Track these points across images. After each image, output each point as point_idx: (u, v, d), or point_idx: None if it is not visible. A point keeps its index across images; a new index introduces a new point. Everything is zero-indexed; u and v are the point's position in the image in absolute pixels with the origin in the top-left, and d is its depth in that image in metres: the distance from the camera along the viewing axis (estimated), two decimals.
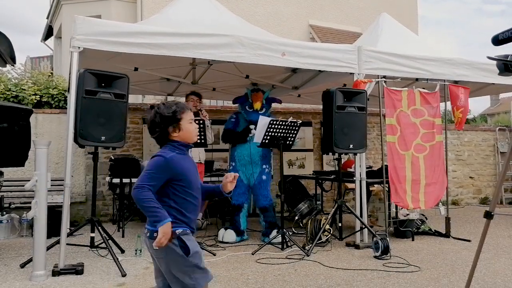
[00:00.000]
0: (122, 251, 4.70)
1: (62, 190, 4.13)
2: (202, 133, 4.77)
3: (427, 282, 3.73)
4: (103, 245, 4.32)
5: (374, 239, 4.67)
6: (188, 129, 2.25)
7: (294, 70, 6.25)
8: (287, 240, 4.97)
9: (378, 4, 12.91)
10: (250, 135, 5.42)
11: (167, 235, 2.06)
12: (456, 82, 6.07)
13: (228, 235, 5.31)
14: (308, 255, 4.59)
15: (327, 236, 5.09)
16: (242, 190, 5.47)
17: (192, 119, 2.29)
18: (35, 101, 7.09)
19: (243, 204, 5.47)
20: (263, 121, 5.01)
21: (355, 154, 5.31)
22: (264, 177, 5.48)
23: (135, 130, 7.37)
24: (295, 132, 5.13)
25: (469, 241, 5.39)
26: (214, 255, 4.64)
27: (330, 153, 5.18)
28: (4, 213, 5.70)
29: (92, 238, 4.46)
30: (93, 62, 4.85)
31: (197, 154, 5.24)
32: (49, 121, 6.97)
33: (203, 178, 5.46)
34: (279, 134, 5.03)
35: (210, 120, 5.31)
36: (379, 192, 6.60)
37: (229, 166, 5.66)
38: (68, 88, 5.22)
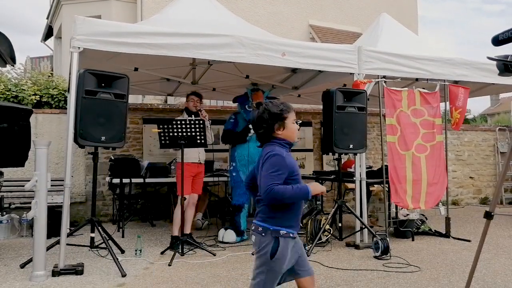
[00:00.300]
0: (122, 251, 4.70)
1: (62, 190, 4.13)
2: (202, 134, 4.77)
3: (427, 282, 3.73)
4: (103, 245, 4.32)
5: (374, 239, 4.67)
6: (292, 128, 2.39)
7: (294, 70, 6.25)
8: None
9: (378, 4, 12.92)
10: (250, 134, 5.42)
11: (322, 188, 2.27)
12: (456, 82, 6.08)
13: (228, 235, 5.31)
14: (308, 255, 4.58)
15: (327, 236, 5.09)
16: (242, 190, 5.46)
17: (295, 120, 2.42)
18: (35, 101, 7.09)
19: (244, 204, 5.47)
20: None
21: (355, 154, 5.31)
22: None
23: (135, 130, 7.38)
24: None
25: (469, 241, 5.39)
26: (214, 255, 4.64)
27: (330, 153, 5.18)
28: (4, 213, 5.70)
29: (92, 238, 4.46)
30: (93, 62, 4.85)
31: (197, 155, 5.22)
32: (49, 121, 6.97)
33: (203, 179, 5.45)
34: None
35: (210, 121, 5.31)
36: (379, 192, 6.61)
37: (230, 166, 5.67)
38: (68, 88, 5.22)
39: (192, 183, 5.18)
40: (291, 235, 2.27)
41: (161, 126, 4.68)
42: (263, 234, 2.25)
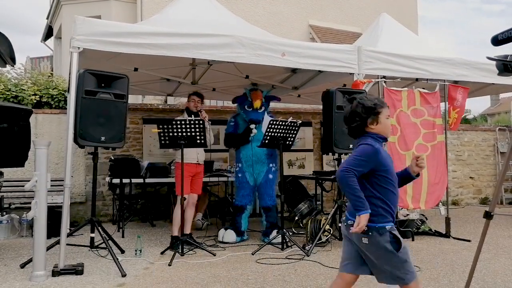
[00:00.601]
0: (122, 251, 4.70)
1: (62, 191, 4.13)
2: (202, 134, 4.76)
3: (427, 282, 3.73)
4: (103, 245, 4.33)
5: None
6: (385, 123, 2.40)
7: (294, 70, 6.25)
8: (287, 240, 4.97)
9: (378, 4, 12.92)
10: (252, 134, 5.41)
11: (363, 224, 2.21)
12: (456, 82, 6.08)
13: (228, 235, 5.31)
14: (308, 255, 4.59)
15: (327, 236, 5.09)
16: (247, 191, 5.45)
17: (389, 115, 2.43)
18: (35, 101, 7.09)
19: (246, 205, 5.45)
20: (268, 119, 5.08)
21: None
22: (270, 176, 5.46)
23: (135, 130, 7.38)
24: (295, 132, 5.13)
25: (469, 241, 5.39)
26: (214, 255, 4.64)
27: (330, 153, 5.18)
28: (4, 213, 5.70)
29: (92, 239, 4.47)
30: (93, 63, 4.85)
31: (196, 155, 5.18)
32: (49, 121, 6.97)
33: (202, 179, 5.43)
34: (279, 134, 5.03)
35: (210, 122, 5.27)
36: None
37: (236, 167, 5.63)
38: (68, 89, 5.22)
39: (191, 183, 5.17)
40: (394, 227, 2.31)
41: (161, 126, 4.69)
42: (370, 234, 2.27)
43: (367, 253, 2.33)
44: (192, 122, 4.68)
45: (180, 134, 4.68)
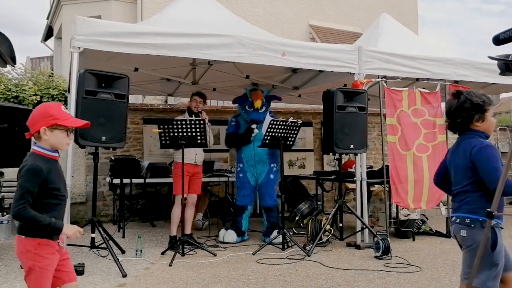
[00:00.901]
0: (123, 252, 4.69)
1: None
2: (202, 134, 4.75)
3: (428, 282, 3.72)
4: (104, 245, 4.32)
5: (375, 239, 4.66)
6: (491, 121, 2.33)
7: (295, 70, 6.25)
8: (287, 240, 4.96)
9: (378, 4, 12.91)
10: (253, 134, 5.40)
11: None
12: (456, 82, 6.07)
13: (228, 235, 5.31)
14: (308, 256, 4.59)
15: (327, 236, 5.09)
16: (248, 191, 5.44)
17: (494, 113, 2.38)
18: (36, 101, 7.08)
19: (247, 206, 5.44)
20: (269, 119, 5.06)
21: (355, 154, 5.31)
22: (271, 176, 5.46)
23: (136, 130, 7.37)
24: (296, 132, 5.13)
25: None
26: (215, 255, 4.63)
27: (331, 153, 5.18)
28: (5, 213, 5.70)
29: (93, 239, 4.46)
30: (94, 63, 4.84)
31: (194, 156, 5.10)
32: None
33: (201, 179, 5.39)
34: (279, 134, 5.02)
35: (210, 124, 5.23)
36: (379, 192, 6.60)
37: (237, 167, 5.61)
38: (68, 89, 5.22)
39: (190, 184, 5.13)
40: (500, 225, 2.22)
41: (161, 126, 4.68)
42: (472, 226, 2.19)
43: (463, 249, 2.25)
44: (192, 122, 4.68)
45: (180, 134, 4.68)
